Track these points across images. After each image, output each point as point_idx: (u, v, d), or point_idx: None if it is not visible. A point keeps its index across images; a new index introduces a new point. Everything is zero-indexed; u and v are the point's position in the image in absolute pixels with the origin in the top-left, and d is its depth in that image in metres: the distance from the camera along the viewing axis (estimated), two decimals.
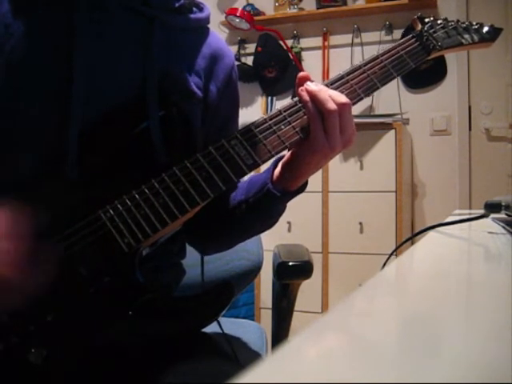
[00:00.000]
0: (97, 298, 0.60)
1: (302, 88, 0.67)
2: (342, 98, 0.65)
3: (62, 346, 0.59)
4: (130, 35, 0.70)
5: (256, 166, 0.65)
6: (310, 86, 0.67)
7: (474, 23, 0.85)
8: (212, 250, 0.87)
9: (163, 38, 0.71)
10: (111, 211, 0.61)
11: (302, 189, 0.71)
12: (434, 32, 0.80)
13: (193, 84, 0.73)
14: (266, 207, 0.72)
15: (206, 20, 0.80)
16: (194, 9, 0.77)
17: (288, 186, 0.70)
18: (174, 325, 0.65)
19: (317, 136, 0.64)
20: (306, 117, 0.66)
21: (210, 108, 0.77)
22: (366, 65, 0.72)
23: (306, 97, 0.66)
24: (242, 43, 3.03)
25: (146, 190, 0.62)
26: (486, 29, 0.84)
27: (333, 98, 0.65)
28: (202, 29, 0.79)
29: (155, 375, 0.61)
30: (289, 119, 0.66)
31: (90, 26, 0.67)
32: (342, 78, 0.70)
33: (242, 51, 3.04)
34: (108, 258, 0.61)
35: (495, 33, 0.85)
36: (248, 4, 2.95)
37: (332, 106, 0.64)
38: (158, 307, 0.64)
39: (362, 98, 0.71)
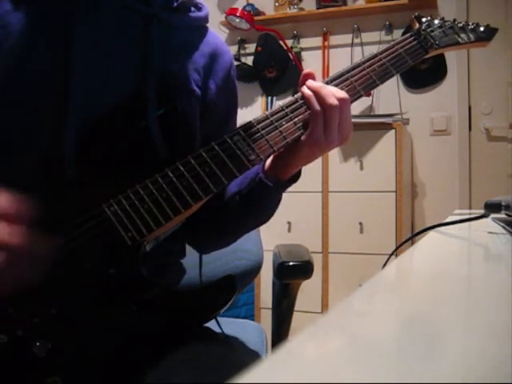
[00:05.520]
0: (100, 291, 0.61)
1: (304, 86, 0.70)
2: (343, 94, 0.68)
3: (66, 338, 0.59)
4: (128, 34, 0.70)
5: (258, 161, 0.66)
6: (312, 82, 0.70)
7: (471, 23, 0.86)
8: (209, 247, 0.87)
9: (162, 36, 0.72)
10: (115, 205, 0.62)
11: (295, 178, 0.73)
12: (432, 31, 0.81)
13: (192, 81, 0.74)
14: (260, 198, 0.73)
15: (205, 19, 0.80)
16: (193, 8, 0.78)
17: (280, 176, 0.71)
18: (176, 318, 0.66)
19: (316, 130, 0.67)
20: (307, 113, 0.68)
21: (209, 105, 0.77)
22: (365, 62, 0.74)
23: (309, 92, 0.68)
24: (241, 43, 3.03)
25: (150, 185, 0.62)
26: (482, 28, 0.86)
27: (334, 93, 0.68)
28: (200, 28, 0.80)
29: (154, 368, 0.61)
30: (290, 115, 0.68)
31: (88, 25, 0.67)
32: (342, 75, 0.73)
33: (242, 51, 3.04)
34: (112, 252, 0.61)
35: (491, 32, 0.87)
36: (248, 4, 2.95)
37: (334, 100, 0.67)
38: (161, 301, 0.64)
39: (361, 95, 0.73)
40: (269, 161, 0.72)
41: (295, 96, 0.70)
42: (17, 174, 0.64)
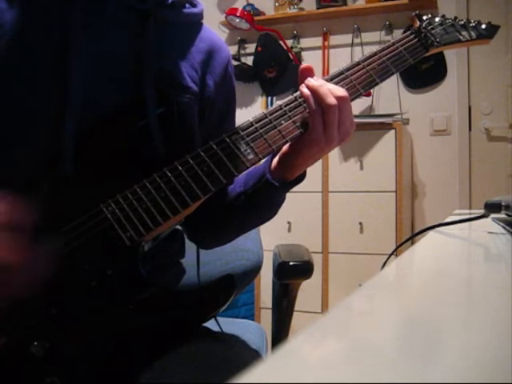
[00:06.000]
0: (99, 291, 0.61)
1: (302, 84, 0.69)
2: (341, 92, 0.67)
3: (64, 338, 0.59)
4: (125, 31, 0.70)
5: (257, 160, 0.66)
6: (310, 81, 0.68)
7: (472, 20, 0.85)
8: (211, 243, 0.88)
9: (158, 33, 0.72)
10: (113, 205, 0.62)
11: (300, 179, 0.73)
12: (432, 29, 0.80)
13: (189, 78, 0.73)
14: (265, 197, 0.73)
15: (200, 15, 0.80)
16: (187, 5, 0.78)
17: (286, 177, 0.71)
18: (175, 318, 0.66)
19: (316, 130, 0.66)
20: (305, 111, 0.67)
21: (207, 102, 0.77)
22: (365, 61, 0.73)
23: (307, 92, 0.67)
24: (242, 43, 3.03)
25: (148, 184, 0.62)
26: (483, 26, 0.85)
27: (332, 92, 0.66)
28: (196, 24, 0.80)
29: (153, 367, 0.61)
30: (289, 114, 0.68)
31: (85, 23, 0.67)
32: (341, 73, 0.71)
33: (242, 51, 3.04)
34: (110, 252, 0.61)
35: (493, 30, 0.85)
36: (248, 4, 2.95)
37: (332, 100, 0.65)
38: (161, 301, 0.64)
39: (361, 94, 0.71)
40: (275, 161, 0.72)
41: (294, 95, 0.69)
42: (15, 172, 0.64)
